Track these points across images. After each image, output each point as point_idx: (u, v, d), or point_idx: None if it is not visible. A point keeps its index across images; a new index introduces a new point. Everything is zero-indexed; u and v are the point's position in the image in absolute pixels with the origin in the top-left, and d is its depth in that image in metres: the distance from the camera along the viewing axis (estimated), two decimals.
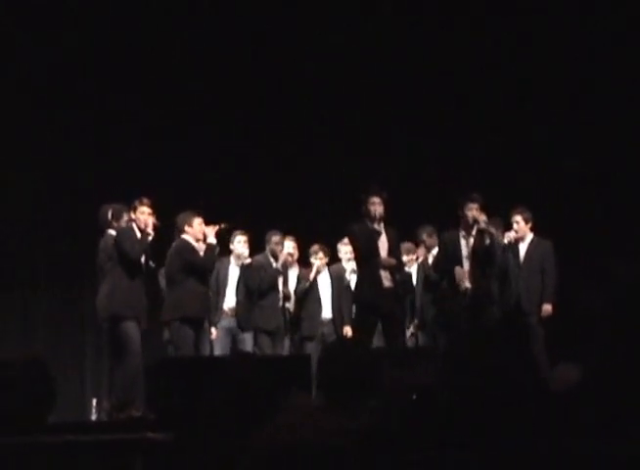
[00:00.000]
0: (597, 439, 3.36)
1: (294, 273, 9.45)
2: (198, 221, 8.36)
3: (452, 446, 2.86)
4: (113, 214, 8.23)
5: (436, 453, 2.85)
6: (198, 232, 8.35)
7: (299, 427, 2.98)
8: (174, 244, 8.41)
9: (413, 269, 9.54)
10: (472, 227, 8.49)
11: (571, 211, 10.06)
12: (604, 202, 10.08)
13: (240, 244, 9.09)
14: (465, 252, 8.50)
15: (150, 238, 8.03)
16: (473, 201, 8.47)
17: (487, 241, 8.45)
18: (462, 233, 8.54)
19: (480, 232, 8.48)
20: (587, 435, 3.38)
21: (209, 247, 8.31)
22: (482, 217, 8.47)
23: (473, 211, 8.44)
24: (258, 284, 9.04)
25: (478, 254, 8.45)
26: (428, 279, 9.39)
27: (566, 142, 10.28)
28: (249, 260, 9.07)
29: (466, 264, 8.47)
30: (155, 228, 8.07)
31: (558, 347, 8.23)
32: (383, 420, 2.98)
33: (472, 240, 8.50)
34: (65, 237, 10.37)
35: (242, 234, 9.08)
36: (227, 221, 8.55)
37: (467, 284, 8.41)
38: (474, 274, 8.44)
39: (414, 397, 3.68)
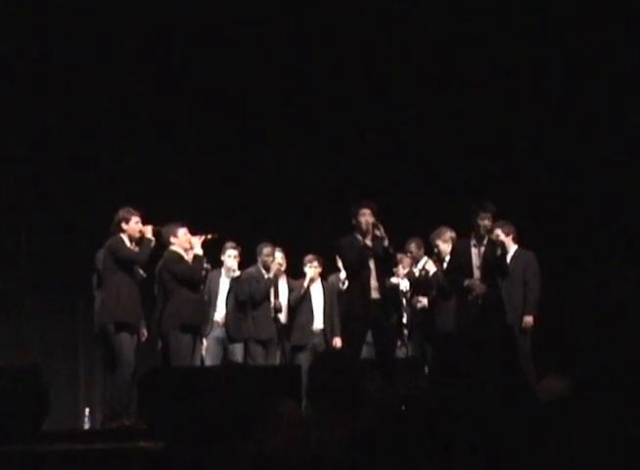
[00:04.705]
0: (584, 447, 3.39)
1: (282, 283, 9.50)
2: (182, 231, 8.38)
3: (439, 457, 2.89)
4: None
5: (424, 464, 2.89)
6: (184, 242, 8.36)
7: (286, 437, 3.01)
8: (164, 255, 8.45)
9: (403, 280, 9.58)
10: (483, 237, 8.35)
11: (555, 222, 10.10)
12: (589, 211, 10.12)
13: (230, 258, 9.14)
14: (476, 261, 8.35)
15: (152, 244, 8.07)
16: (485, 210, 8.32)
17: (499, 251, 8.34)
18: (473, 242, 8.38)
19: (492, 242, 8.36)
20: (573, 444, 3.41)
21: (196, 257, 8.34)
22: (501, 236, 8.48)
23: (485, 221, 8.31)
24: (252, 295, 9.09)
25: (488, 263, 8.31)
26: (416, 290, 9.44)
27: (547, 153, 10.34)
28: (237, 273, 9.10)
29: (476, 273, 8.34)
30: (154, 234, 8.12)
31: (545, 357, 8.24)
32: (370, 431, 3.02)
33: (482, 249, 8.35)
34: (60, 247, 10.39)
35: (233, 248, 9.12)
36: (214, 232, 8.58)
37: (479, 293, 8.25)
38: (484, 284, 8.30)
39: (402, 407, 3.71)
